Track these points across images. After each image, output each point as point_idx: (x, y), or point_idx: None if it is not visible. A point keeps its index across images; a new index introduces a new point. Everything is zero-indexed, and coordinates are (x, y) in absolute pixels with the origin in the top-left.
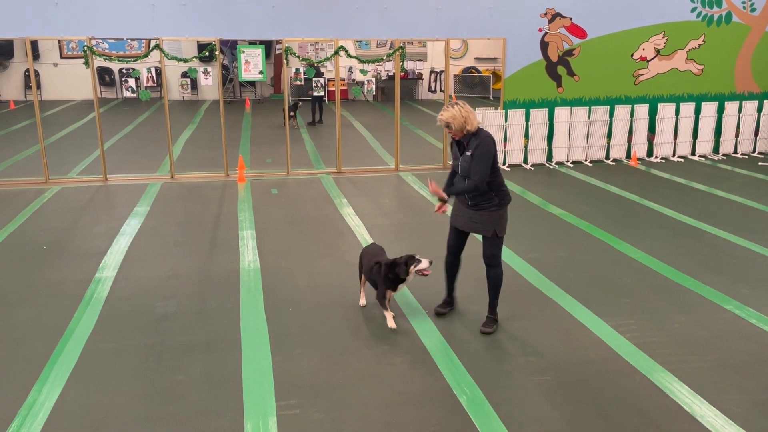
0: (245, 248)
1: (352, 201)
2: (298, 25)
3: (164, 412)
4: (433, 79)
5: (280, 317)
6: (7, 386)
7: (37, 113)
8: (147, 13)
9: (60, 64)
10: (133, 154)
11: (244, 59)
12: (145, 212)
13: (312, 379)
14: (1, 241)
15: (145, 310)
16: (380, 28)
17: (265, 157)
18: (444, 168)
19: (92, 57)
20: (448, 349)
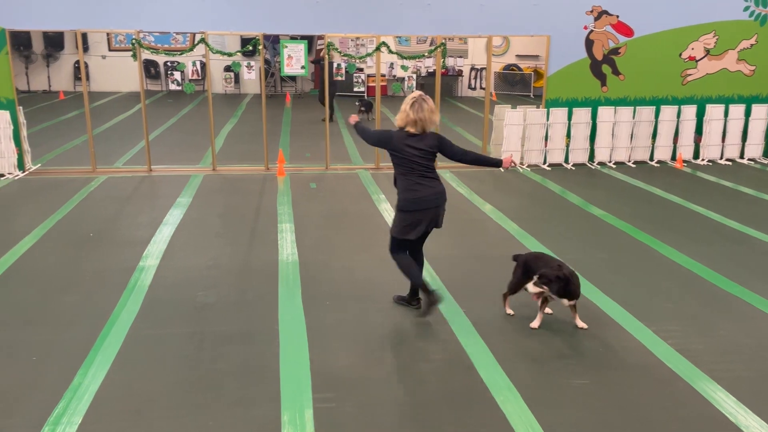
0: (284, 241)
1: (389, 197)
2: (340, 20)
3: (204, 400)
4: (473, 76)
5: (317, 310)
6: (54, 369)
7: (86, 104)
8: (194, 7)
9: (108, 56)
10: (177, 146)
11: (287, 54)
12: (187, 203)
13: (348, 374)
14: (50, 228)
15: (186, 299)
16: (422, 25)
17: (305, 152)
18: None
19: (140, 50)
20: (486, 349)
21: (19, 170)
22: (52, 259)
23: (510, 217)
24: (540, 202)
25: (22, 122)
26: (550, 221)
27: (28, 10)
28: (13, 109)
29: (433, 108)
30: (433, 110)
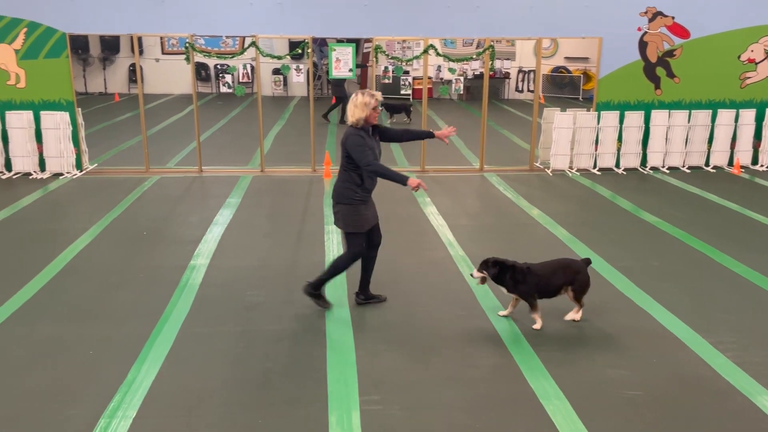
0: (330, 243)
1: (435, 200)
2: (389, 23)
3: (253, 399)
4: (520, 78)
5: (364, 312)
6: (110, 363)
7: (141, 106)
8: (245, 11)
9: (161, 59)
10: (226, 147)
11: (335, 57)
12: (236, 203)
13: (395, 376)
14: (106, 226)
15: (236, 298)
16: (471, 27)
17: None
18: (530, 170)
19: (192, 53)
20: (534, 356)
21: (77, 169)
22: (107, 256)
23: (559, 222)
24: (590, 207)
25: (80, 123)
26: (600, 227)
27: (87, 16)
28: (72, 111)
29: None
30: (354, 104)
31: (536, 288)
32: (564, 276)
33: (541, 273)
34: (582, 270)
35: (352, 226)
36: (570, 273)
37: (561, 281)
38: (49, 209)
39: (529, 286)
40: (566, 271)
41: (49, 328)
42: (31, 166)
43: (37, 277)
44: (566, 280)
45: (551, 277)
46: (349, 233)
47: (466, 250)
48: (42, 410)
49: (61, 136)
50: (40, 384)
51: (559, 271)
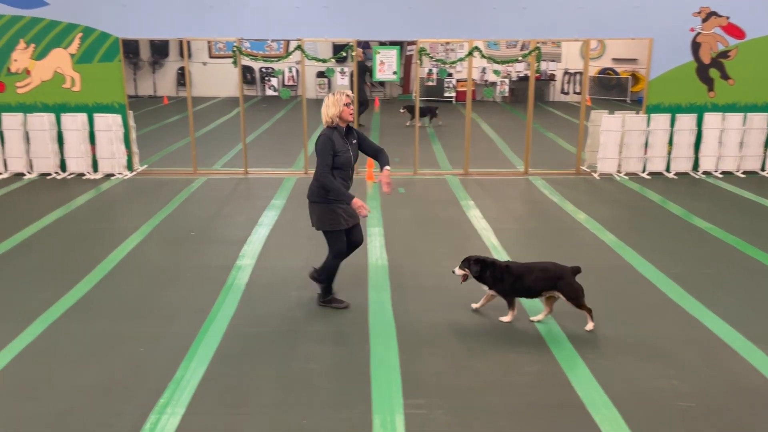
0: (373, 245)
1: (479, 203)
2: (433, 25)
3: (298, 399)
4: (566, 80)
5: (407, 316)
6: (159, 360)
7: (189, 109)
8: (291, 14)
9: (208, 63)
10: (271, 149)
11: (379, 60)
12: (281, 205)
13: (438, 381)
14: (156, 226)
15: (281, 298)
16: (517, 28)
17: (393, 157)
18: (577, 174)
19: (240, 57)
20: (582, 363)
21: (128, 170)
22: (157, 255)
23: (606, 227)
24: (638, 212)
25: (131, 125)
26: (649, 232)
27: (139, 21)
28: (124, 113)
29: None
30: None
31: (512, 287)
32: (543, 280)
33: (518, 273)
34: (565, 276)
35: (326, 225)
36: (550, 277)
37: (540, 284)
38: (102, 209)
39: (506, 285)
40: (546, 274)
41: (102, 324)
42: (85, 166)
43: (90, 274)
44: (546, 285)
45: (528, 278)
46: (327, 232)
47: (511, 255)
48: (96, 404)
49: (113, 137)
50: (94, 378)
51: (537, 274)
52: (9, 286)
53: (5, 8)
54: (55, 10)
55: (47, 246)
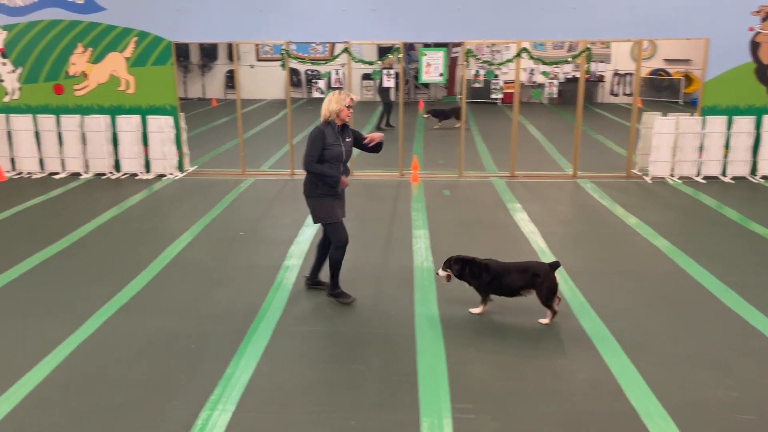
0: (418, 247)
1: (526, 206)
2: (481, 26)
3: (344, 400)
4: (615, 81)
5: (453, 319)
6: (210, 357)
7: (238, 111)
8: (338, 17)
9: (255, 65)
10: None
11: (426, 62)
12: None
13: (487, 386)
14: (206, 225)
15: (327, 299)
16: (567, 29)
17: (438, 158)
18: (627, 177)
19: (288, 59)
20: (635, 372)
21: (179, 171)
22: (207, 254)
23: (659, 232)
24: (693, 217)
25: (183, 127)
26: (704, 238)
27: (191, 25)
28: (175, 115)
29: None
30: (329, 100)
31: (489, 284)
32: (521, 278)
33: (496, 272)
34: (542, 274)
35: (322, 217)
36: (529, 275)
37: (518, 283)
38: (154, 208)
39: (483, 282)
40: (524, 273)
41: (155, 321)
42: (138, 167)
43: (143, 272)
44: (524, 283)
45: (506, 277)
46: (326, 224)
47: (560, 259)
48: (149, 399)
49: (165, 139)
50: (147, 374)
51: (515, 273)
52: (67, 282)
53: (64, 13)
54: (112, 14)
55: (102, 244)
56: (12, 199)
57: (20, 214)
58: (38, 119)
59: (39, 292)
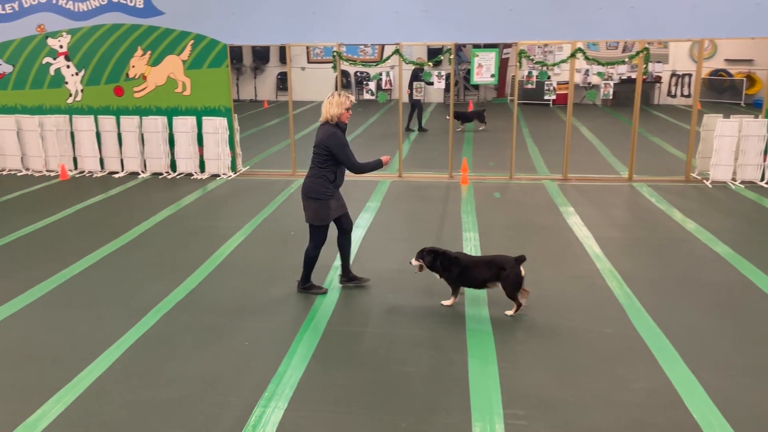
0: (469, 249)
1: (579, 210)
2: (534, 27)
3: (394, 401)
4: (673, 82)
5: (504, 322)
6: (263, 355)
7: (290, 112)
8: (390, 19)
9: (306, 68)
10: (366, 152)
11: (477, 63)
12: (376, 207)
13: (540, 393)
14: (258, 225)
15: (377, 300)
16: (624, 29)
17: (488, 160)
18: (686, 181)
19: (339, 61)
20: (696, 383)
21: (232, 171)
22: (259, 253)
23: (720, 238)
24: (756, 223)
25: (236, 128)
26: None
27: (246, 28)
28: (229, 116)
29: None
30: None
31: (458, 276)
32: (487, 271)
33: (465, 264)
34: (508, 267)
35: (319, 220)
36: (495, 269)
37: (484, 275)
38: (208, 208)
39: (452, 274)
40: (490, 266)
41: (209, 317)
42: (193, 167)
43: (198, 270)
44: (490, 275)
45: (474, 269)
46: (314, 226)
47: (616, 265)
48: (204, 394)
49: (219, 140)
50: (202, 369)
51: (482, 266)
52: (126, 278)
53: (125, 17)
54: (170, 18)
55: (159, 241)
56: (75, 197)
57: (83, 211)
58: (99, 120)
59: (101, 286)
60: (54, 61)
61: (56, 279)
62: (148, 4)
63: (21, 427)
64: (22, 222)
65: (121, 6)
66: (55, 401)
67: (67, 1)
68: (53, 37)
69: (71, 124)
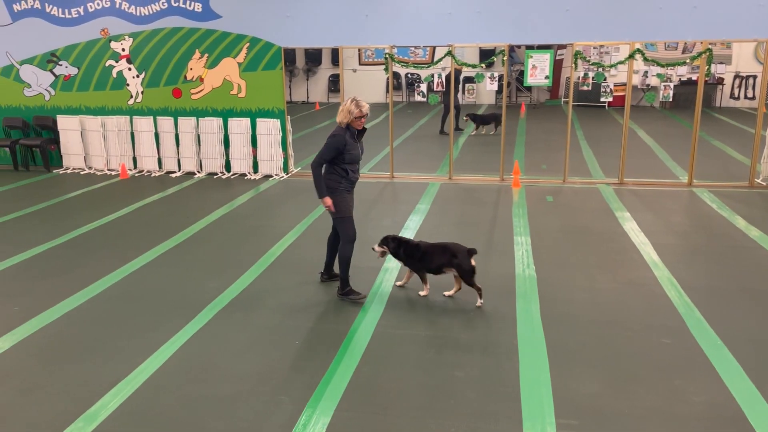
0: (521, 254)
1: (636, 215)
2: (591, 27)
3: (443, 406)
4: (737, 84)
5: (557, 330)
6: (313, 355)
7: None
8: (443, 21)
9: (358, 70)
10: (415, 154)
11: (531, 64)
12: (425, 210)
13: (594, 402)
14: (309, 225)
15: (426, 303)
16: (686, 29)
17: (540, 163)
18: (750, 187)
19: (391, 63)
20: (760, 398)
21: (284, 172)
22: (309, 253)
23: None
24: None
25: (288, 129)
26: None
27: (300, 31)
28: (282, 118)
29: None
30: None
31: (420, 262)
32: (443, 257)
33: (424, 251)
34: (460, 255)
35: (339, 211)
36: (448, 255)
37: (439, 261)
38: (260, 207)
39: (415, 260)
40: (445, 252)
41: (262, 316)
42: (246, 167)
43: (251, 268)
44: (444, 261)
45: (432, 255)
46: (339, 218)
47: (675, 273)
48: (257, 392)
49: (272, 141)
50: (255, 367)
51: (438, 252)
52: (182, 275)
53: (184, 21)
54: (228, 22)
55: (214, 240)
56: (134, 196)
57: (142, 209)
58: (158, 121)
59: (158, 283)
60: (116, 63)
61: (116, 275)
62: (206, 8)
63: (82, 418)
64: (85, 219)
65: (181, 10)
66: (113, 394)
67: (130, 6)
68: (116, 40)
69: (132, 124)
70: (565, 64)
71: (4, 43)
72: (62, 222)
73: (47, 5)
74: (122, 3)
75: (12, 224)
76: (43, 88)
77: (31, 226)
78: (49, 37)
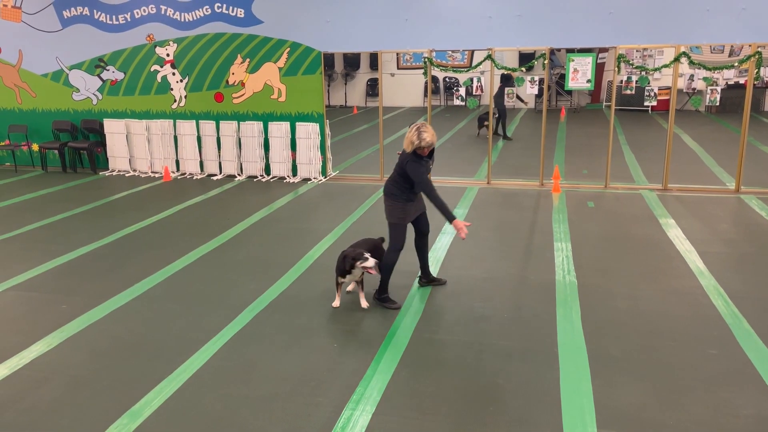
0: (561, 260)
1: (680, 222)
2: (635, 30)
3: (483, 412)
4: None
5: (598, 338)
6: (351, 357)
7: (380, 118)
8: (483, 24)
9: (396, 74)
10: (453, 158)
11: (573, 68)
12: (463, 214)
13: (637, 414)
14: (347, 228)
15: (464, 308)
16: (734, 32)
17: (581, 168)
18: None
19: (430, 67)
20: None
21: (322, 175)
22: None
23: None
24: None
25: (327, 133)
26: None
27: (340, 35)
28: (321, 122)
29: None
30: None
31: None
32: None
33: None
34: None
35: (395, 218)
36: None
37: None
38: (299, 210)
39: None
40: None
41: (301, 317)
42: (286, 171)
43: (290, 270)
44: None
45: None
46: (393, 224)
47: (722, 282)
48: (296, 393)
49: (311, 145)
50: (294, 368)
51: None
52: (223, 276)
53: (227, 26)
54: (269, 27)
55: (254, 242)
56: (177, 198)
57: (184, 211)
58: (200, 124)
59: (200, 284)
60: (161, 68)
61: (159, 275)
62: (248, 14)
63: (127, 415)
64: (129, 220)
65: (224, 16)
66: (157, 392)
67: (174, 12)
68: (161, 46)
69: (175, 128)
70: (607, 67)
71: (55, 48)
72: (108, 223)
73: (96, 12)
74: (167, 9)
75: (60, 224)
76: (91, 92)
77: (79, 226)
78: (97, 42)
